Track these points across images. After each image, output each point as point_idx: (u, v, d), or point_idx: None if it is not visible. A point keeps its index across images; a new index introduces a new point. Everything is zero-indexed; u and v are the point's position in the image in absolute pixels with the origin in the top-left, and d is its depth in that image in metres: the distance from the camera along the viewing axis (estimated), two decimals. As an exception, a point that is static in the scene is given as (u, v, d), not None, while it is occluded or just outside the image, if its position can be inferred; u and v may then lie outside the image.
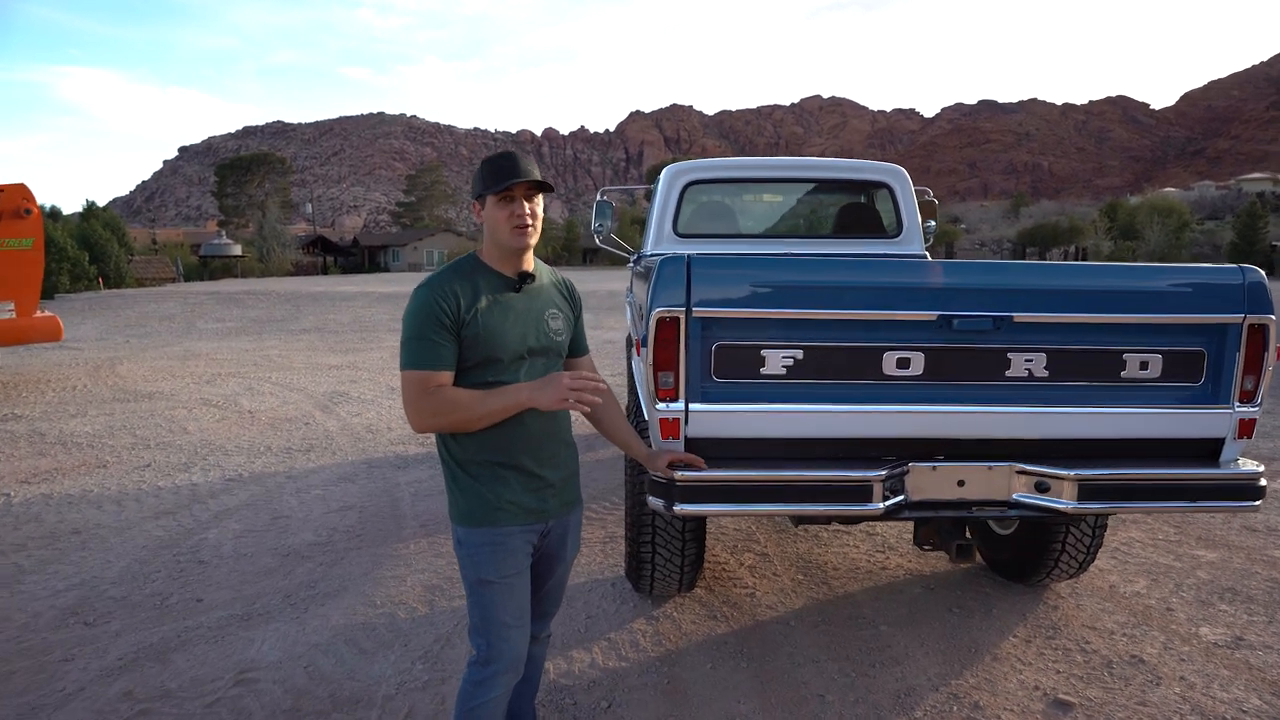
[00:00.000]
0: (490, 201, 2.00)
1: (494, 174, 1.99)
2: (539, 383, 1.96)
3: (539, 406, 1.96)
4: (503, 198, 1.99)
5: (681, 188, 5.19)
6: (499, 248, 2.05)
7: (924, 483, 2.63)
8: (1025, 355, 2.60)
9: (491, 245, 2.07)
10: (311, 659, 3.19)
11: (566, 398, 1.93)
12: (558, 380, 1.94)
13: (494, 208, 2.00)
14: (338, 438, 6.98)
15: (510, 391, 1.96)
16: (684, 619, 3.55)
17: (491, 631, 2.02)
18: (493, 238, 2.05)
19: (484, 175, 2.01)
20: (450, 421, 1.96)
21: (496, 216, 2.00)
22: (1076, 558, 3.56)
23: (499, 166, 1.99)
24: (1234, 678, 3.06)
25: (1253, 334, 2.63)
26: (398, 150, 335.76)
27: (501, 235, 2.02)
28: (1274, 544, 4.45)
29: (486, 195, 2.00)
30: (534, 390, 1.94)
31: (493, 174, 1.99)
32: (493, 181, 1.98)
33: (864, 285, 2.54)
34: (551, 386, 1.94)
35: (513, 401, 1.95)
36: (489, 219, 2.02)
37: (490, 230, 2.04)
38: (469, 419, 1.95)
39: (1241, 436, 2.69)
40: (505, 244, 2.03)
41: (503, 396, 1.95)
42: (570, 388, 1.93)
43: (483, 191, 2.01)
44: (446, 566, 4.12)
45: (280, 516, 4.93)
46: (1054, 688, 2.97)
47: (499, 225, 2.01)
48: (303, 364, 11.60)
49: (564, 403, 1.93)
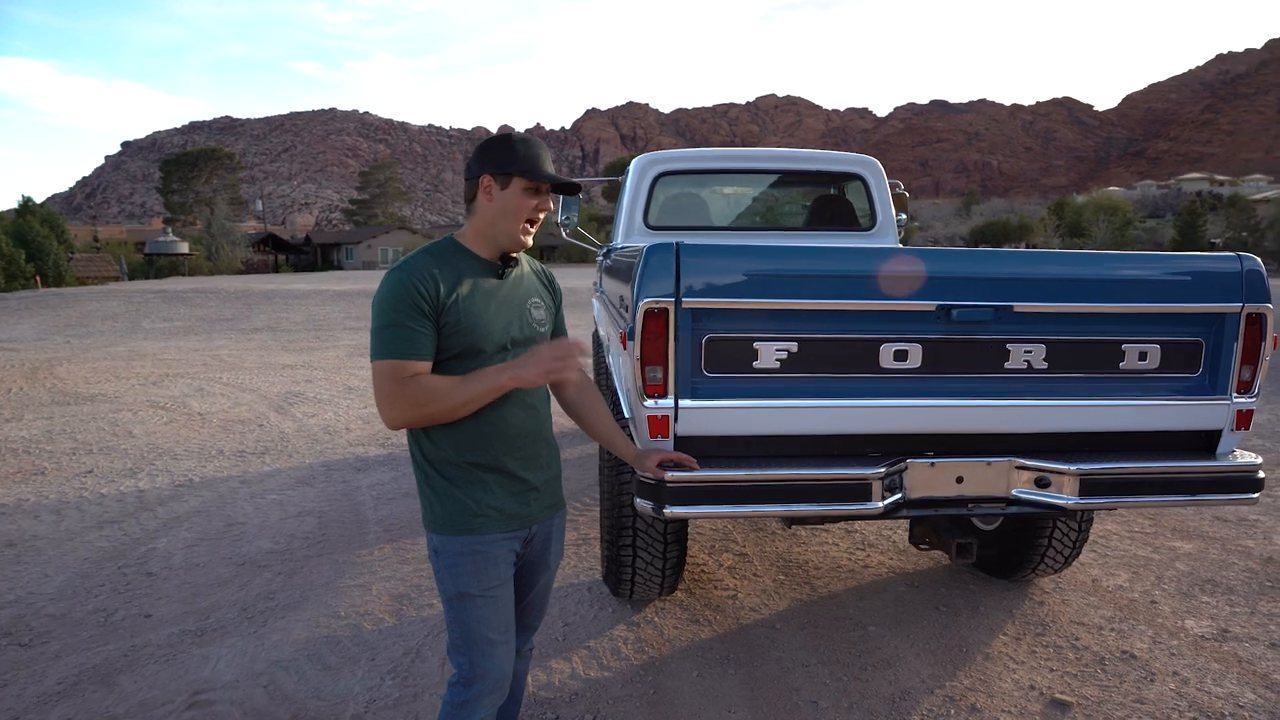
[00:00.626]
0: (517, 185, 1.84)
1: (531, 159, 1.84)
2: (518, 360, 1.81)
3: (522, 384, 1.80)
4: (533, 188, 1.85)
5: (652, 179, 5.05)
6: (497, 237, 1.89)
7: (922, 480, 2.53)
8: (1025, 346, 2.51)
9: (485, 229, 1.89)
10: (272, 677, 2.98)
11: (550, 368, 1.79)
12: (537, 353, 1.80)
13: (518, 195, 1.84)
14: (294, 440, 6.69)
15: (491, 373, 1.80)
16: (666, 624, 3.41)
17: (474, 649, 1.86)
18: (494, 224, 1.87)
19: (519, 155, 1.84)
20: (429, 413, 1.79)
21: (518, 205, 1.85)
22: (1062, 553, 3.51)
23: (538, 154, 1.86)
24: (1225, 671, 3.02)
25: (1250, 323, 2.57)
26: (350, 147, 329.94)
27: (510, 225, 1.87)
28: (1246, 534, 4.47)
29: (515, 176, 1.83)
30: (516, 368, 1.79)
31: (529, 159, 1.84)
32: (529, 166, 1.83)
33: (861, 274, 2.43)
34: (533, 360, 1.79)
35: (494, 384, 1.79)
36: (503, 203, 1.85)
37: (496, 216, 1.86)
38: (449, 408, 1.79)
39: (1239, 428, 2.64)
40: (512, 236, 1.88)
41: (483, 379, 1.79)
42: (552, 356, 1.79)
43: (514, 170, 1.83)
44: (413, 574, 3.93)
45: (234, 523, 4.67)
46: (1049, 687, 2.90)
47: (512, 214, 1.86)
48: (255, 364, 11.20)
49: (550, 375, 1.80)
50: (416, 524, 4.63)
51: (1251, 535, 4.46)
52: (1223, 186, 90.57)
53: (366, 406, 8.09)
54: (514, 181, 1.83)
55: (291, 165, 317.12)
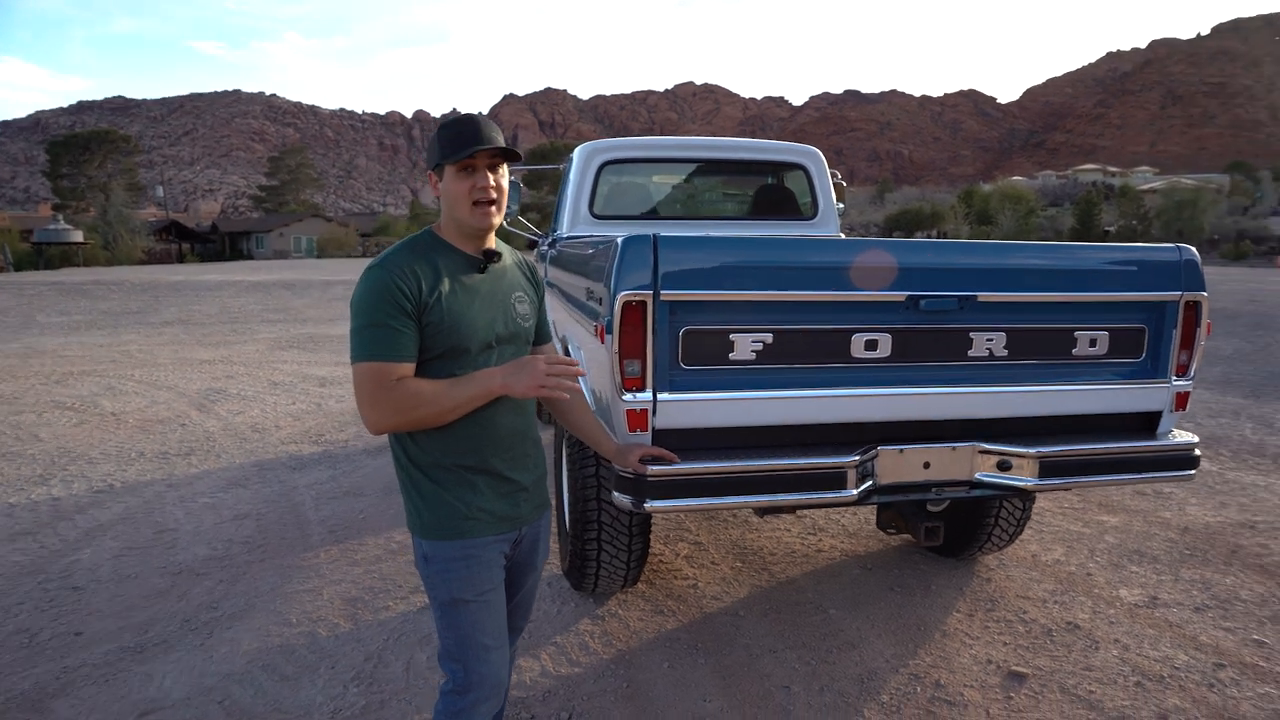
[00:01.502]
0: (449, 173, 1.77)
1: (453, 141, 1.75)
2: (511, 367, 1.76)
3: (513, 394, 1.75)
4: (463, 168, 1.76)
5: (597, 168, 5.00)
6: (459, 226, 1.82)
7: (892, 466, 2.59)
8: (986, 335, 2.60)
9: (450, 222, 1.84)
10: (226, 691, 2.84)
11: (544, 384, 1.73)
12: (533, 364, 1.75)
13: (453, 180, 1.77)
14: (221, 439, 6.39)
15: (480, 378, 1.74)
16: (630, 616, 3.40)
17: (469, 655, 1.80)
18: (452, 214, 1.82)
19: (441, 142, 1.77)
20: (415, 418, 1.72)
21: (456, 190, 1.77)
22: (1007, 531, 3.66)
23: (459, 132, 1.76)
24: (1160, 636, 3.21)
25: (1188, 310, 2.73)
26: (257, 131, 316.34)
27: (461, 212, 1.79)
28: (1164, 506, 4.76)
29: (445, 165, 1.77)
30: (507, 375, 1.74)
31: (452, 141, 1.76)
32: (451, 149, 1.75)
33: (835, 265, 2.46)
34: (527, 371, 1.74)
35: (483, 389, 1.73)
36: (447, 193, 1.79)
37: (449, 206, 1.81)
38: (437, 413, 1.72)
39: (1178, 409, 2.80)
40: (466, 222, 1.80)
41: (472, 384, 1.73)
42: (548, 372, 1.74)
43: (440, 161, 1.78)
44: (364, 576, 3.81)
45: (165, 530, 4.43)
46: (1005, 660, 3.02)
47: (458, 200, 1.78)
48: (169, 359, 10.64)
49: (541, 389, 1.74)
50: (362, 524, 4.49)
51: (1168, 508, 4.74)
52: (1114, 177, 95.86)
53: (295, 403, 7.79)
54: (445, 170, 1.77)
55: (194, 149, 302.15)
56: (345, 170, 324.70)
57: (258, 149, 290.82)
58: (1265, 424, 6.79)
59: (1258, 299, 13.42)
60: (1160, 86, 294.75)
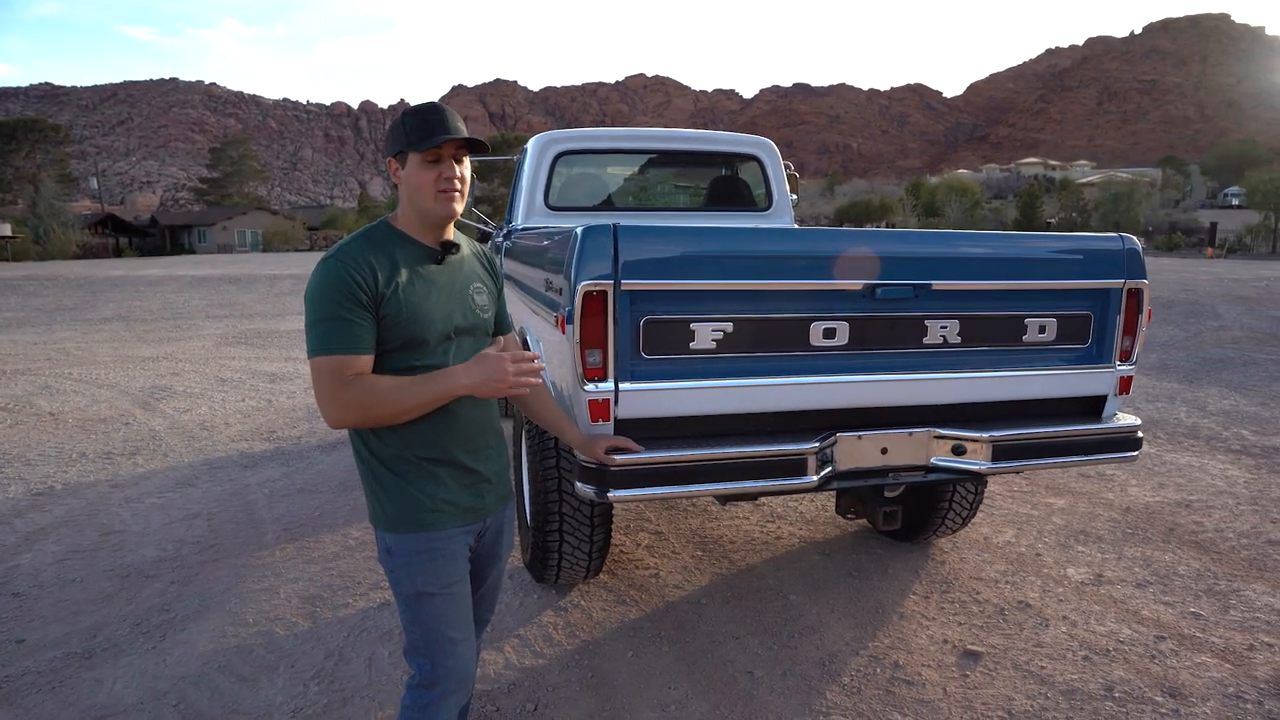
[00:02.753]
0: (413, 161, 1.75)
1: (419, 129, 1.73)
2: (476, 368, 1.72)
3: (479, 395, 1.74)
4: (429, 158, 1.74)
5: (552, 159, 4.97)
6: (421, 215, 1.80)
7: (850, 452, 2.63)
8: (941, 323, 2.66)
9: (411, 211, 1.81)
10: (181, 694, 2.77)
11: (513, 384, 1.72)
12: (499, 363, 1.72)
13: (417, 169, 1.75)
14: (167, 438, 6.20)
15: (442, 377, 1.72)
16: (593, 607, 3.41)
17: (436, 648, 1.79)
18: (414, 203, 1.79)
19: (406, 130, 1.75)
20: (373, 416, 1.70)
21: (420, 179, 1.75)
22: (961, 514, 3.76)
23: (425, 121, 1.73)
24: (1105, 612, 3.34)
25: (1130, 297, 2.83)
26: (197, 121, 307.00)
27: (425, 201, 1.77)
28: (1107, 488, 4.93)
29: (409, 153, 1.75)
30: (471, 376, 1.71)
31: (417, 129, 1.73)
32: (417, 137, 1.73)
33: (794, 255, 2.49)
34: (494, 371, 1.70)
35: (446, 389, 1.71)
36: (410, 181, 1.77)
37: (411, 195, 1.78)
38: (396, 412, 1.70)
39: (1122, 393, 2.90)
40: (430, 211, 1.78)
41: (434, 383, 1.71)
42: (514, 370, 1.72)
43: (404, 148, 1.75)
44: (322, 573, 3.74)
45: (111, 532, 4.29)
46: (960, 639, 3.10)
47: (422, 190, 1.76)
48: (109, 357, 10.28)
49: (509, 390, 1.73)
50: (318, 521, 4.41)
51: (1111, 489, 4.92)
52: (1055, 171, 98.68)
53: (245, 399, 7.61)
54: (410, 158, 1.75)
55: (129, 140, 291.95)
56: (290, 162, 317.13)
57: (198, 140, 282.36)
58: (1199, 408, 7.08)
59: (1190, 288, 13.96)
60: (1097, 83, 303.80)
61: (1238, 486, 4.94)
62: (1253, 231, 35.92)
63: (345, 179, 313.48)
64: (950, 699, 2.73)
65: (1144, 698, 2.72)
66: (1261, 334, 10.16)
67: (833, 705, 2.70)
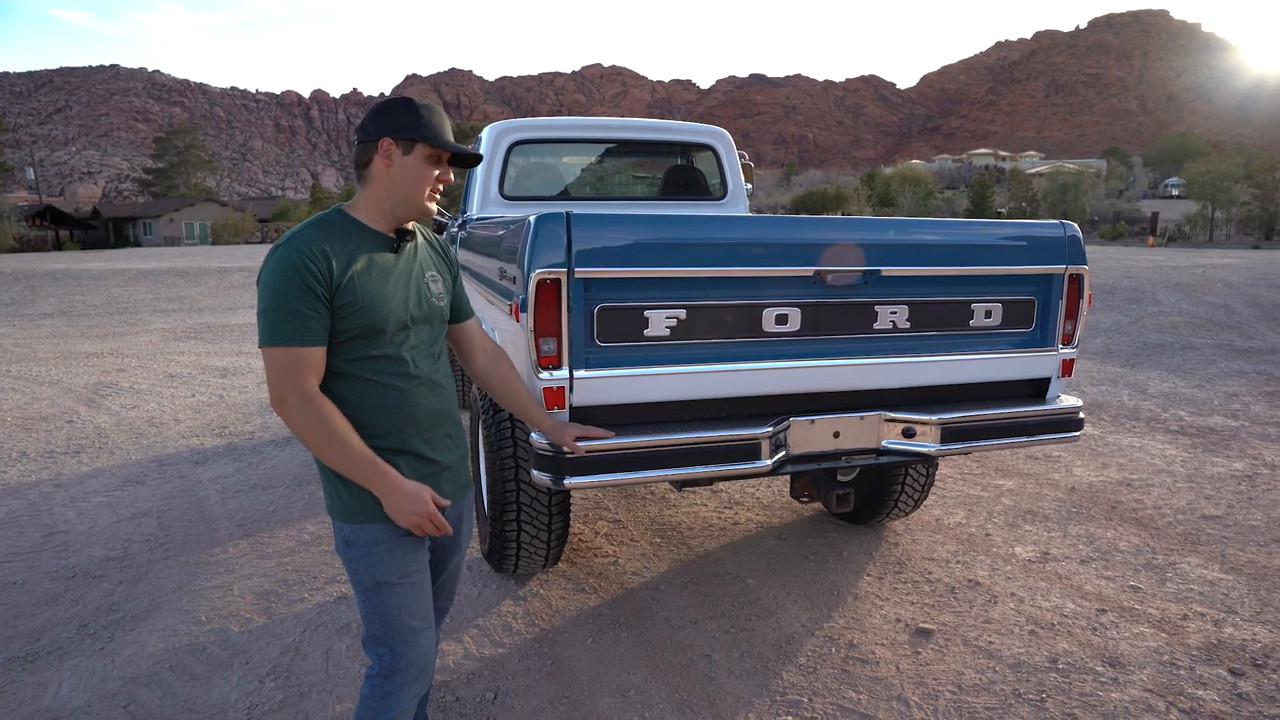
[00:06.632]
0: (420, 153, 1.76)
1: (435, 127, 1.76)
2: (405, 498, 1.72)
3: (389, 513, 1.73)
4: (434, 156, 1.77)
5: (507, 148, 4.94)
6: (402, 207, 1.79)
7: (803, 436, 2.68)
8: (890, 308, 2.71)
9: (385, 200, 1.79)
10: (131, 695, 2.72)
11: (420, 526, 1.74)
12: (424, 505, 1.73)
13: (422, 162, 1.76)
14: (114, 435, 6.04)
15: (375, 476, 1.70)
16: (552, 595, 3.42)
17: (395, 637, 1.79)
18: (400, 194, 1.78)
19: (422, 120, 1.75)
20: (307, 440, 1.68)
21: (421, 173, 1.77)
22: (913, 497, 3.85)
23: (443, 123, 1.79)
24: (1050, 588, 3.45)
25: (1072, 283, 2.91)
26: (140, 109, 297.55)
27: (416, 195, 1.78)
28: (1053, 469, 5.09)
29: (419, 143, 1.75)
30: (395, 497, 1.71)
31: (434, 126, 1.76)
32: (433, 134, 1.75)
33: (746, 242, 2.52)
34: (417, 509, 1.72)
35: (365, 477, 1.70)
36: (408, 171, 1.76)
37: (397, 184, 1.77)
38: (322, 453, 1.70)
39: (1064, 375, 2.99)
40: (418, 206, 1.80)
41: (366, 468, 1.70)
42: (430, 517, 1.74)
43: (418, 137, 1.74)
44: (277, 569, 3.69)
45: (55, 532, 4.17)
46: (913, 618, 3.18)
47: (420, 183, 1.78)
48: (50, 353, 9.96)
49: (415, 526, 1.74)
50: (272, 516, 4.34)
51: (1057, 470, 5.07)
52: (1005, 161, 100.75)
53: (195, 395, 7.43)
54: (417, 148, 1.74)
55: (68, 129, 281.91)
56: (240, 153, 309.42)
57: (141, 129, 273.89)
58: (1140, 390, 7.32)
59: (1133, 275, 14.39)
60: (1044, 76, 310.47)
61: (1175, 465, 5.13)
62: (1191, 221, 37.16)
63: (297, 170, 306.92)
64: (903, 675, 2.80)
65: (1086, 668, 2.82)
66: (1198, 319, 10.53)
67: (789, 685, 2.75)
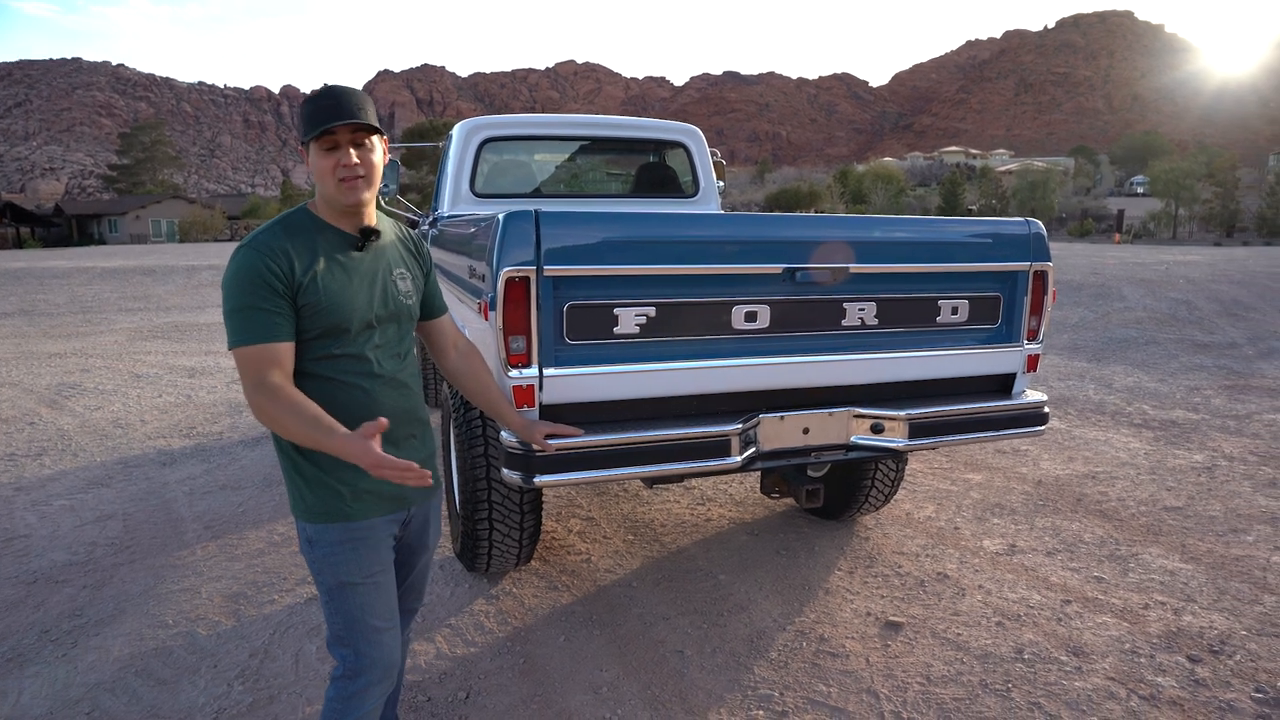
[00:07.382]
0: (313, 149, 1.73)
1: (313, 116, 1.71)
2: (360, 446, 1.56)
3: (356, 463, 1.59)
4: (325, 145, 1.71)
5: (478, 145, 4.92)
6: (329, 202, 1.78)
7: (773, 433, 2.70)
8: (859, 305, 2.74)
9: (322, 199, 1.79)
10: (95, 701, 2.67)
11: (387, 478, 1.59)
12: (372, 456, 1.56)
13: (318, 156, 1.72)
14: (77, 437, 5.93)
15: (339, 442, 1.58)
16: (525, 594, 3.42)
17: (359, 638, 1.78)
18: (321, 191, 1.77)
19: (303, 117, 1.73)
20: (279, 428, 1.65)
21: (320, 167, 1.73)
22: (883, 492, 3.89)
23: (318, 106, 1.71)
24: (1017, 580, 3.50)
25: (1036, 279, 2.96)
26: (104, 104, 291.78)
27: (328, 189, 1.75)
28: (1021, 463, 5.16)
29: (308, 142, 1.72)
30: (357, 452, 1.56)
31: (311, 116, 1.71)
32: (310, 125, 1.71)
33: (715, 239, 2.53)
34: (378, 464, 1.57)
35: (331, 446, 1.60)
36: (315, 169, 1.74)
37: (318, 182, 1.76)
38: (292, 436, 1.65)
39: (1029, 370, 3.04)
40: (334, 199, 1.76)
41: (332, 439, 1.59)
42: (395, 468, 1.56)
43: (302, 138, 1.74)
44: (246, 570, 3.65)
45: (15, 537, 4.09)
46: (883, 611, 3.22)
47: (324, 177, 1.74)
48: (11, 353, 9.75)
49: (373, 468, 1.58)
50: (241, 518, 4.29)
51: (1024, 464, 5.15)
52: (976, 159, 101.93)
53: (162, 395, 7.31)
54: (311, 146, 1.73)
55: (28, 123, 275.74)
56: (208, 149, 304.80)
57: (105, 124, 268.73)
58: (1105, 385, 7.45)
59: (1099, 272, 14.64)
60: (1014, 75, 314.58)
61: (1139, 458, 5.23)
62: (1156, 218, 37.91)
63: (267, 166, 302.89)
64: (873, 668, 2.83)
65: (1051, 658, 2.87)
66: (1162, 315, 10.73)
67: (761, 680, 2.77)
